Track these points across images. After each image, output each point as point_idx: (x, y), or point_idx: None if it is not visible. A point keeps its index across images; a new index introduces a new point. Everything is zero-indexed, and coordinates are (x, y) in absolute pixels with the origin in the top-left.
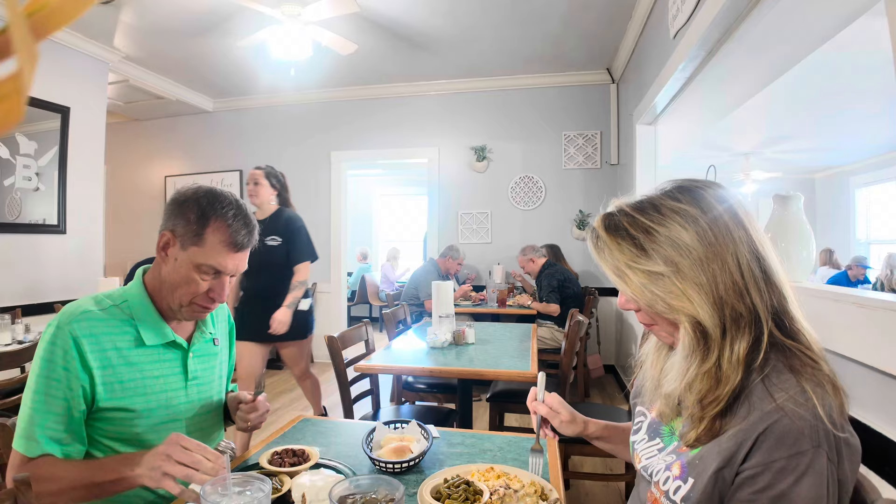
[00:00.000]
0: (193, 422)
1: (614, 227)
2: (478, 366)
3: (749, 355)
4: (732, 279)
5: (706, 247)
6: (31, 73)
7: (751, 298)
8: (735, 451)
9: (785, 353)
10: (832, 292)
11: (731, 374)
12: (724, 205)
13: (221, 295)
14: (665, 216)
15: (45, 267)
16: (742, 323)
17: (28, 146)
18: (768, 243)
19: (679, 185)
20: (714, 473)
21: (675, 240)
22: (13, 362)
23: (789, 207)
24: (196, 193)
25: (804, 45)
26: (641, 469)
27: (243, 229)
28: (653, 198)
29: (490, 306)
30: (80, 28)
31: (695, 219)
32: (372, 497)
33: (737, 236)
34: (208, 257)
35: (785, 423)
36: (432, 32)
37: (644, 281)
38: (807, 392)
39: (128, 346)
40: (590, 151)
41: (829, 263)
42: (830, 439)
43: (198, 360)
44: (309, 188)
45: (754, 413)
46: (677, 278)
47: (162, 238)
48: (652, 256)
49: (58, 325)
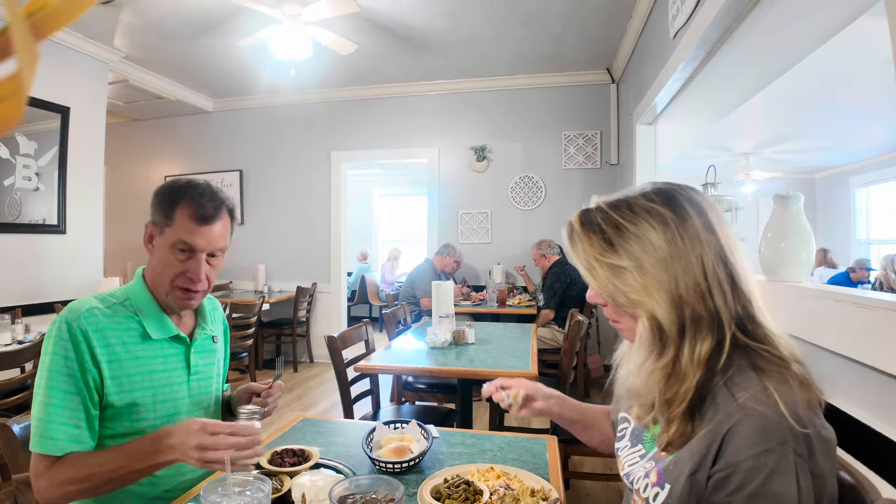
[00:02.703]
0: (194, 416)
1: (588, 222)
2: (478, 366)
3: (712, 358)
4: (695, 280)
5: (672, 247)
6: (31, 74)
7: (713, 301)
8: (704, 453)
9: (749, 354)
10: (832, 292)
11: (689, 373)
12: (696, 209)
13: (198, 273)
14: (637, 214)
15: (44, 267)
16: (702, 324)
17: (28, 146)
18: (739, 250)
19: (656, 186)
20: (688, 478)
21: (643, 237)
22: (13, 362)
23: (789, 207)
24: (168, 183)
25: (804, 45)
26: (624, 476)
27: (209, 202)
28: (629, 197)
29: (490, 306)
30: (80, 28)
31: (664, 219)
32: (372, 497)
33: (705, 240)
34: (179, 233)
35: (748, 423)
36: (432, 33)
37: (608, 274)
38: (768, 389)
39: (133, 341)
40: (590, 151)
41: (824, 263)
42: (797, 434)
43: (199, 356)
44: (309, 188)
45: (719, 414)
46: (639, 273)
47: (145, 231)
48: (618, 251)
49: (65, 320)
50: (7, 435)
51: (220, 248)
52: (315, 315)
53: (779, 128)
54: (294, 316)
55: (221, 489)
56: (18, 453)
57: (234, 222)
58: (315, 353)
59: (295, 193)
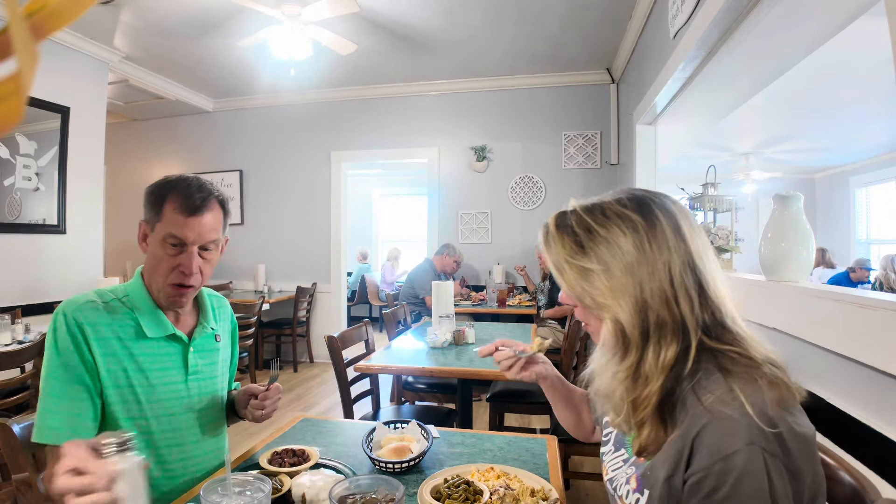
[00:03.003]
0: (193, 416)
1: (563, 224)
2: (478, 366)
3: (678, 364)
4: (661, 287)
5: (639, 252)
6: (31, 74)
7: (679, 308)
8: (678, 458)
9: (717, 357)
10: (832, 292)
11: (652, 377)
12: (667, 216)
13: (190, 267)
14: (609, 219)
15: (45, 267)
16: (666, 330)
17: (28, 146)
18: (711, 259)
19: (631, 193)
20: (664, 483)
21: (612, 242)
22: (13, 362)
23: (789, 207)
24: (159, 180)
25: (804, 46)
26: (608, 482)
27: (197, 193)
28: (604, 202)
29: (490, 306)
30: (80, 28)
31: (635, 225)
32: (372, 497)
33: (673, 247)
34: (168, 227)
35: (715, 425)
36: (432, 32)
37: (577, 276)
38: (734, 391)
39: (129, 337)
40: (590, 151)
41: (823, 263)
42: (766, 434)
43: (198, 355)
44: (309, 188)
45: (688, 418)
46: (606, 277)
47: (139, 230)
48: (588, 254)
49: (62, 313)
50: (7, 435)
51: (212, 240)
52: (315, 315)
53: (779, 128)
54: (294, 316)
55: (221, 489)
56: (18, 453)
57: (226, 215)
58: (315, 353)
59: (295, 193)
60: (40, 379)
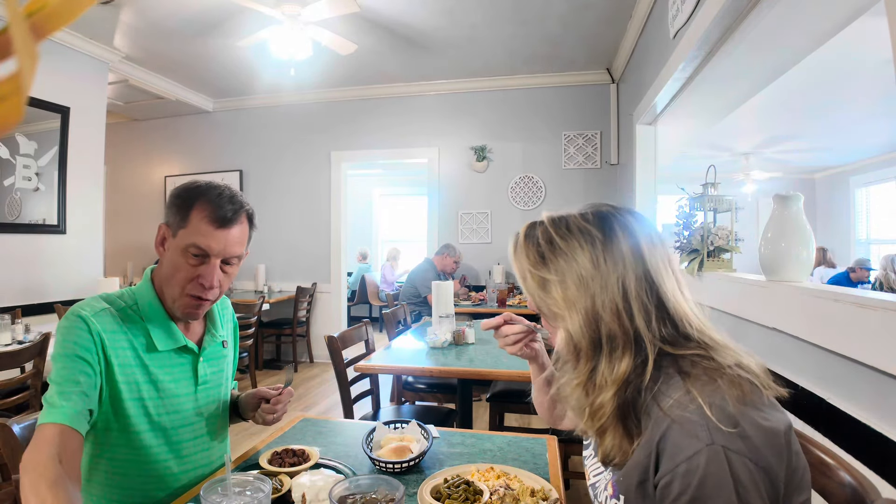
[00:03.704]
0: (200, 426)
1: (531, 235)
2: (478, 366)
3: (634, 375)
4: (613, 301)
5: (594, 267)
6: (31, 74)
7: (632, 322)
8: (647, 463)
9: (678, 362)
10: (832, 292)
11: (604, 386)
12: (627, 233)
13: (211, 280)
14: (571, 233)
15: (45, 267)
16: (617, 342)
17: (28, 146)
18: (671, 274)
19: (596, 208)
20: (637, 488)
21: (569, 255)
22: (13, 362)
23: (789, 207)
24: (187, 184)
25: (804, 45)
26: (591, 488)
27: (228, 205)
28: (570, 215)
29: (490, 306)
30: (80, 28)
31: (593, 240)
32: (372, 497)
33: (629, 263)
34: (193, 236)
35: (675, 429)
36: (432, 32)
37: (536, 286)
38: (691, 393)
39: (141, 348)
40: (590, 151)
41: (823, 262)
42: (725, 432)
43: (207, 364)
44: (309, 188)
45: (651, 424)
46: (560, 288)
47: (158, 232)
48: (548, 265)
49: (77, 314)
50: (7, 435)
51: (236, 254)
52: (315, 315)
53: (779, 128)
54: (294, 316)
55: (221, 489)
56: (18, 453)
57: (252, 229)
58: (315, 353)
59: (295, 193)
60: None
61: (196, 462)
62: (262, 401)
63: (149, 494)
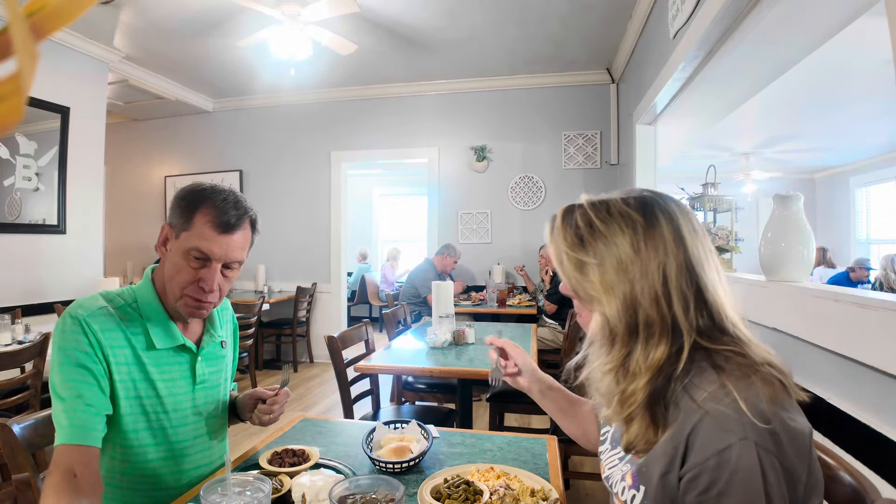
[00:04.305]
0: (199, 426)
1: (569, 217)
2: (478, 366)
3: (668, 364)
4: (652, 287)
5: (634, 252)
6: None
7: (671, 309)
8: (673, 455)
9: (711, 356)
10: (832, 292)
11: (638, 373)
12: (669, 219)
13: (211, 284)
14: (611, 216)
15: (45, 267)
16: (654, 329)
17: (28, 146)
18: (712, 264)
19: (638, 193)
20: (660, 479)
21: (609, 238)
22: (13, 362)
23: (789, 207)
24: (192, 186)
25: (804, 45)
26: (605, 479)
27: (232, 210)
28: (611, 199)
29: (490, 306)
30: (80, 28)
31: (634, 225)
32: (372, 497)
33: (671, 250)
34: (196, 240)
35: (708, 421)
36: (432, 32)
37: (573, 268)
38: (726, 387)
39: (140, 347)
40: (590, 151)
41: (823, 262)
42: (759, 429)
43: (206, 364)
44: (309, 188)
45: (681, 416)
46: (598, 271)
47: (161, 233)
48: (586, 248)
49: (75, 317)
50: (7, 435)
51: (237, 259)
52: (315, 315)
53: (779, 128)
54: (294, 316)
55: (221, 489)
56: (18, 453)
57: (254, 234)
58: (315, 353)
59: (295, 193)
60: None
61: (195, 462)
62: (258, 401)
63: (149, 494)
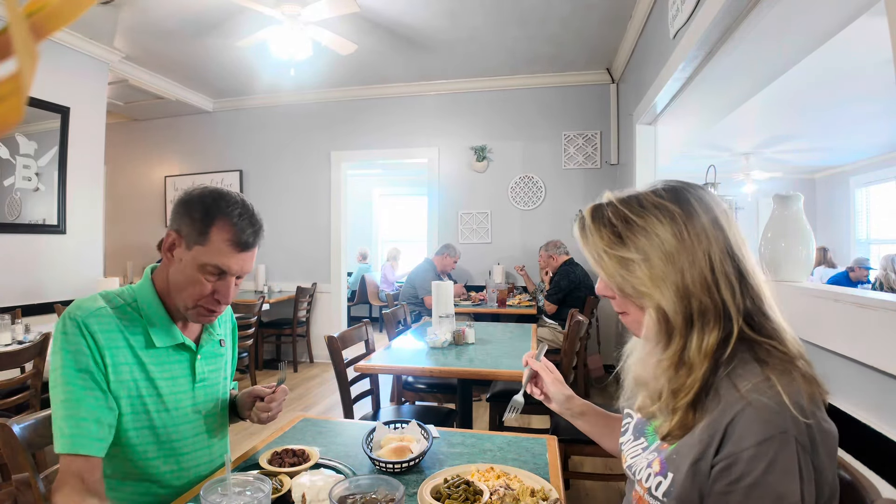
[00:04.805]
0: (199, 425)
1: (599, 216)
2: (478, 366)
3: (718, 350)
4: (701, 274)
5: (678, 241)
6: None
7: (720, 295)
8: (708, 442)
9: (753, 348)
10: (832, 292)
11: (696, 363)
12: (704, 206)
13: (227, 297)
14: (646, 209)
15: (44, 267)
16: (709, 316)
17: (28, 146)
18: (747, 248)
19: (668, 184)
20: (691, 467)
21: (650, 231)
22: (13, 362)
23: (789, 207)
24: (202, 193)
25: (804, 45)
26: (627, 468)
27: (249, 228)
28: (640, 193)
29: (490, 306)
30: (80, 28)
31: (672, 215)
32: (372, 497)
33: (712, 235)
34: (213, 257)
35: (750, 412)
36: (432, 33)
37: (616, 266)
38: (771, 380)
39: (139, 346)
40: (590, 151)
41: (824, 262)
42: (799, 425)
43: (205, 362)
44: (309, 188)
45: (721, 404)
46: (646, 266)
47: (168, 238)
48: (627, 244)
49: (73, 318)
50: (7, 435)
51: (249, 270)
52: (315, 315)
53: (779, 128)
54: (294, 316)
55: (221, 489)
56: (18, 453)
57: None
58: (315, 353)
59: (295, 193)
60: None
61: (196, 461)
62: (256, 399)
63: (149, 493)
